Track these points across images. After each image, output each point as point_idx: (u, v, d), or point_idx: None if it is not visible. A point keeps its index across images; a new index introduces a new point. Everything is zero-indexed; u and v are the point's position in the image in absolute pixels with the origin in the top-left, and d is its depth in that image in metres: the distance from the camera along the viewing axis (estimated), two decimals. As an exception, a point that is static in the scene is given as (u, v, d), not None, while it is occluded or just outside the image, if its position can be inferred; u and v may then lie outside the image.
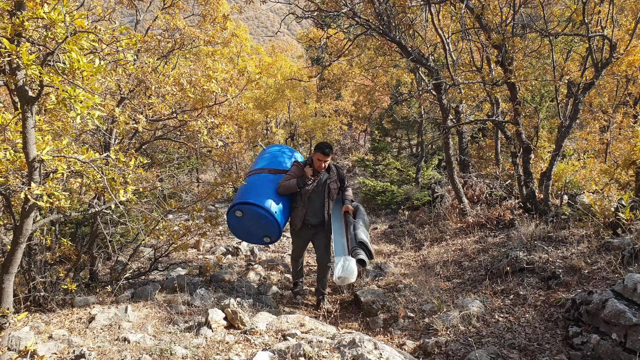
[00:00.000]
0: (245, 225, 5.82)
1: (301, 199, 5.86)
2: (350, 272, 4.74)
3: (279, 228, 5.72)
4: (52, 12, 2.87)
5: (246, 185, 5.95)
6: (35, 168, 3.51)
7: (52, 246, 5.82)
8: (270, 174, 6.05)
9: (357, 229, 5.25)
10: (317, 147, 5.77)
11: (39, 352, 4.06)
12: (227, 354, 4.37)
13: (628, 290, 4.02)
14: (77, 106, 2.83)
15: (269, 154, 6.57)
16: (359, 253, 4.91)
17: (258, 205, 5.56)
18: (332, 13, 9.13)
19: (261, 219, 5.64)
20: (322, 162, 5.74)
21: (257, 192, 5.75)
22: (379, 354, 3.66)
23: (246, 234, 6.01)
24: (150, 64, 5.13)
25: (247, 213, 5.66)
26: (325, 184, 5.89)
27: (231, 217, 5.83)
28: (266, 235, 5.88)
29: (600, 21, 7.10)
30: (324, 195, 5.91)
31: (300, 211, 5.91)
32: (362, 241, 5.02)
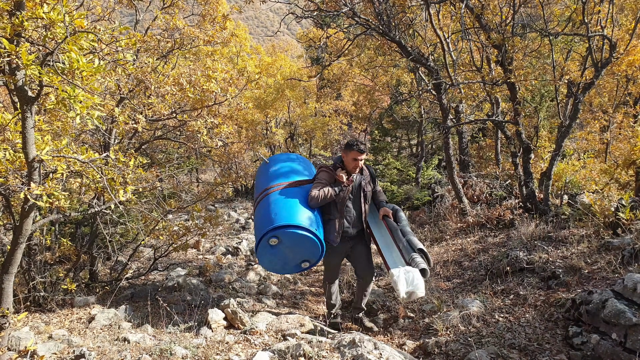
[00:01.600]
0: (282, 255, 4.80)
1: (336, 208, 4.95)
2: (417, 286, 4.15)
3: (322, 249, 4.77)
4: (52, 12, 2.87)
5: (269, 206, 4.86)
6: (34, 168, 3.50)
7: (52, 246, 5.82)
8: (292, 187, 5.07)
9: (407, 234, 4.66)
10: (350, 144, 4.91)
11: (39, 352, 4.06)
12: (227, 354, 4.36)
13: (628, 290, 4.01)
14: (77, 106, 2.83)
15: (278, 165, 5.55)
16: (419, 262, 4.30)
17: (296, 226, 4.56)
18: (332, 13, 9.13)
19: (302, 242, 4.65)
20: (358, 161, 4.90)
21: (287, 210, 4.72)
22: (379, 354, 3.66)
23: (282, 265, 4.98)
24: (150, 63, 5.12)
25: (285, 239, 4.62)
26: (360, 188, 5.04)
27: (264, 250, 4.74)
28: (305, 260, 4.93)
29: (600, 21, 7.09)
30: (360, 201, 5.05)
31: (337, 223, 4.96)
32: (421, 248, 4.44)
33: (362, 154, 4.90)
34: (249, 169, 16.56)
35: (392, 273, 4.27)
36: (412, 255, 4.39)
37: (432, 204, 11.53)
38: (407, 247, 4.52)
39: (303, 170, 5.49)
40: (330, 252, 5.06)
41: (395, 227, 4.82)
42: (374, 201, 5.31)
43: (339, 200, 4.91)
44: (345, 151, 4.96)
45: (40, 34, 3.22)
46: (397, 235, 4.73)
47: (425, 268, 4.28)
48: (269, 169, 5.51)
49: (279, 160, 5.68)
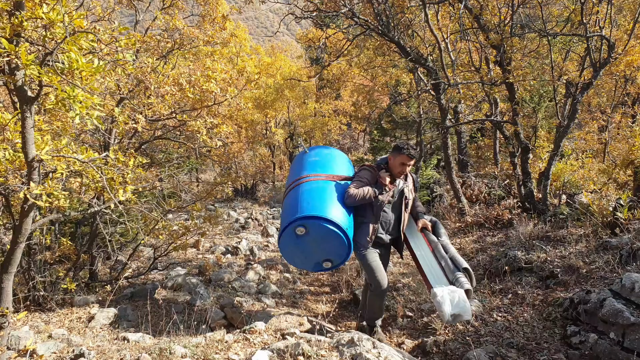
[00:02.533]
0: (306, 247, 4.47)
1: (372, 211, 4.55)
2: (463, 308, 3.81)
3: (349, 250, 4.42)
4: (51, 12, 2.88)
5: (302, 195, 4.54)
6: (34, 168, 3.52)
7: (51, 246, 5.83)
8: (329, 180, 4.70)
9: (449, 250, 4.32)
10: (400, 147, 4.47)
11: (39, 351, 4.07)
12: (227, 353, 4.37)
13: (626, 290, 4.03)
14: (76, 106, 2.85)
15: (317, 156, 5.15)
16: (463, 282, 3.97)
17: (328, 220, 4.24)
18: (331, 13, 9.15)
19: (330, 238, 4.32)
20: (406, 166, 4.50)
21: (320, 202, 4.41)
22: (378, 352, 3.67)
23: (303, 259, 4.64)
24: (150, 64, 5.14)
25: (313, 231, 4.30)
26: (402, 195, 4.65)
27: (288, 239, 4.42)
28: (328, 260, 4.55)
29: (599, 21, 7.11)
30: (400, 208, 4.68)
31: (371, 228, 4.56)
32: (466, 267, 4.11)
33: (412, 160, 4.49)
34: (248, 168, 16.57)
35: (435, 293, 3.92)
36: (456, 275, 4.06)
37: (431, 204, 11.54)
38: (451, 265, 4.17)
39: (342, 165, 5.09)
40: (367, 253, 4.63)
41: (435, 242, 4.49)
42: (411, 211, 4.90)
43: (376, 203, 4.51)
44: (394, 154, 4.53)
45: (39, 34, 3.23)
46: (438, 251, 4.39)
47: (470, 289, 3.97)
48: (306, 158, 5.12)
49: (318, 151, 5.27)
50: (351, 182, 4.60)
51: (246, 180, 16.72)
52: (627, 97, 13.16)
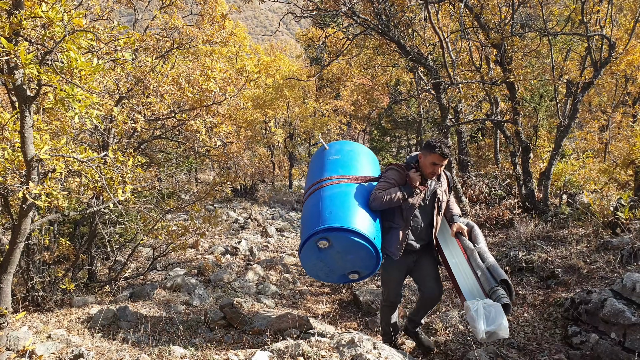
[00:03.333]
0: (330, 261, 4.03)
1: (402, 216, 4.10)
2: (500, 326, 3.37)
3: (377, 261, 3.98)
4: (50, 11, 2.86)
5: (323, 202, 4.11)
6: (33, 167, 3.50)
7: (50, 246, 5.81)
8: (352, 182, 4.24)
9: (487, 259, 3.84)
10: (432, 145, 3.93)
11: (38, 351, 4.05)
12: (226, 353, 4.36)
13: (627, 290, 4.01)
14: (76, 105, 2.83)
15: (338, 154, 4.64)
16: (502, 295, 3.52)
17: (353, 232, 3.80)
18: (331, 12, 9.13)
19: (356, 250, 3.89)
20: (438, 167, 4.00)
21: (344, 210, 3.96)
22: (378, 353, 3.66)
23: (327, 272, 4.17)
24: (149, 63, 5.12)
25: (337, 243, 3.87)
26: (434, 196, 4.17)
27: (309, 252, 3.99)
28: (354, 272, 4.11)
29: (599, 20, 7.10)
30: (433, 212, 4.20)
31: (401, 234, 4.10)
32: (505, 279, 3.63)
33: (445, 160, 3.98)
34: (247, 168, 16.56)
35: (468, 306, 3.54)
36: (493, 287, 3.60)
37: (431, 204, 11.50)
38: (488, 276, 3.71)
39: (367, 163, 4.60)
40: (389, 266, 4.26)
41: (471, 249, 3.99)
42: (444, 213, 4.41)
43: (406, 207, 4.05)
44: (425, 152, 4.01)
45: (38, 33, 3.22)
46: (474, 259, 3.90)
47: (509, 303, 3.50)
48: (326, 156, 4.63)
49: (339, 148, 4.75)
50: (377, 184, 4.18)
51: (245, 180, 16.71)
52: (628, 97, 13.16)
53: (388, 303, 4.43)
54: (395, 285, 4.36)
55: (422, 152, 4.03)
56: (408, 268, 4.31)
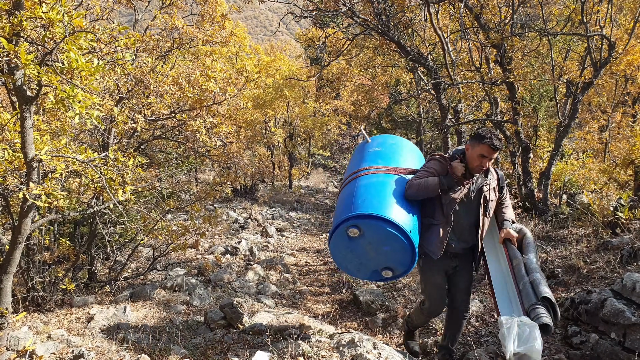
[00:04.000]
0: (361, 252, 3.72)
1: (442, 212, 3.72)
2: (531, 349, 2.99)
3: (413, 257, 3.60)
4: (50, 11, 2.87)
5: (357, 190, 3.84)
6: (33, 168, 3.50)
7: (50, 246, 5.82)
8: (391, 173, 3.93)
9: (532, 272, 3.36)
10: (481, 135, 3.57)
11: (38, 352, 4.06)
12: (226, 353, 4.36)
13: (627, 290, 4.02)
14: (76, 106, 2.83)
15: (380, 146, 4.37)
16: (541, 314, 3.07)
17: (386, 221, 3.49)
18: (331, 12, 9.14)
19: (389, 242, 3.56)
20: (486, 160, 3.59)
21: (378, 199, 3.68)
22: (378, 353, 3.66)
23: (357, 265, 3.83)
24: (149, 63, 5.12)
25: (368, 232, 3.56)
26: (480, 193, 3.74)
27: (339, 241, 3.71)
28: (387, 268, 3.73)
29: (599, 20, 7.10)
30: (477, 210, 3.76)
31: (441, 231, 3.72)
32: (546, 296, 3.17)
33: (495, 152, 3.59)
34: (247, 168, 16.56)
35: (502, 322, 3.16)
36: (533, 304, 3.17)
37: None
38: (529, 291, 3.27)
39: (410, 156, 4.30)
40: (429, 268, 3.89)
41: (518, 259, 3.54)
42: (495, 216, 4.00)
43: (446, 201, 3.67)
44: (473, 143, 3.64)
45: (39, 33, 3.22)
46: (518, 271, 3.47)
47: (549, 324, 3.04)
48: (367, 148, 4.39)
49: (382, 141, 4.49)
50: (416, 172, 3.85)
51: (245, 180, 16.70)
52: (628, 97, 13.16)
53: (428, 312, 4.08)
54: (438, 290, 3.93)
55: (470, 142, 3.67)
56: (447, 272, 3.91)
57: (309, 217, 14.42)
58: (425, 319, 4.19)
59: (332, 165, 29.22)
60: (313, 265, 8.83)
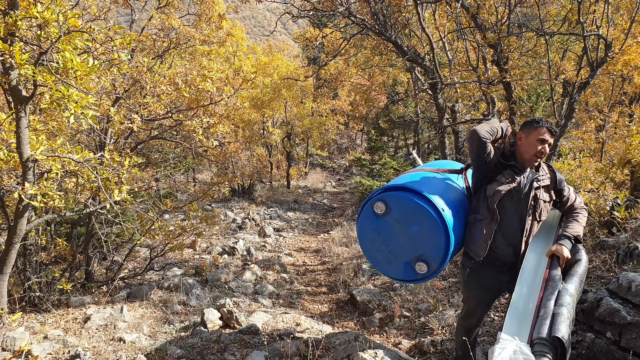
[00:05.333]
0: (389, 236, 3.36)
1: (487, 205, 3.28)
2: None
3: (447, 240, 3.19)
4: (46, 11, 2.86)
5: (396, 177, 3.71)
6: (29, 168, 3.50)
7: (47, 246, 5.81)
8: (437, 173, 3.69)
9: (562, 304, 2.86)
10: (535, 120, 3.23)
11: (34, 352, 4.06)
12: (223, 354, 4.37)
13: (622, 289, 4.02)
14: (71, 106, 2.83)
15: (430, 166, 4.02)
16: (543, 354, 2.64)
17: (412, 191, 3.23)
18: (328, 12, 9.14)
19: (418, 218, 3.19)
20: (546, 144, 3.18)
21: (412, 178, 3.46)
22: (374, 353, 3.66)
23: (386, 255, 3.43)
24: (146, 63, 5.12)
25: (395, 207, 3.26)
26: (530, 189, 3.25)
27: (366, 222, 3.42)
28: (420, 258, 3.28)
29: (596, 20, 7.11)
30: (526, 211, 3.26)
31: (486, 228, 3.28)
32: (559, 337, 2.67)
33: (553, 136, 3.20)
34: (245, 168, 16.56)
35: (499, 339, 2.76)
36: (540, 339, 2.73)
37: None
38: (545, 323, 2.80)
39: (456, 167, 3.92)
40: (474, 282, 3.45)
41: (555, 283, 3.02)
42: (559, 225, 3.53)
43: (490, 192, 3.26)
44: (527, 130, 3.24)
45: (34, 33, 3.22)
46: (547, 297, 2.95)
47: None
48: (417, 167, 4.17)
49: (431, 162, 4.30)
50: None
51: (243, 180, 16.70)
52: (625, 97, 13.18)
53: (464, 324, 3.71)
54: (476, 308, 3.56)
55: (522, 131, 3.27)
56: (498, 288, 3.50)
57: (306, 217, 14.42)
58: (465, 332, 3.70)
59: (330, 165, 29.22)
60: (310, 265, 8.83)
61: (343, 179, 24.92)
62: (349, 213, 14.11)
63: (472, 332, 3.69)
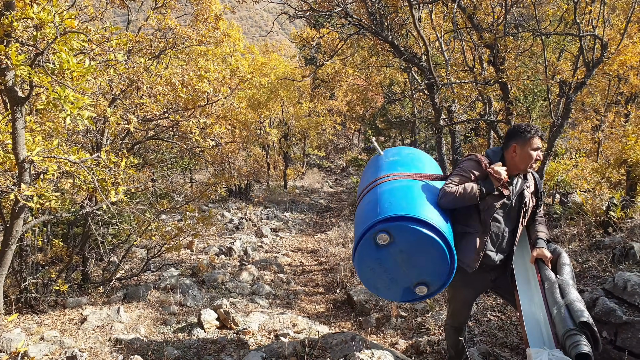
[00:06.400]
0: (391, 265, 3.20)
1: (479, 219, 3.28)
2: None
3: (452, 266, 3.14)
4: (42, 12, 2.86)
5: (381, 196, 3.37)
6: (25, 169, 3.50)
7: (44, 247, 5.80)
8: (414, 179, 3.51)
9: (567, 294, 2.93)
10: (525, 130, 3.20)
11: (30, 353, 4.05)
12: (220, 354, 4.37)
13: (618, 289, 4.04)
14: (67, 106, 2.83)
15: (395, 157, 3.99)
16: (579, 342, 2.61)
17: (420, 221, 3.05)
18: (325, 13, 9.14)
19: (424, 248, 3.07)
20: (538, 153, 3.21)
21: (408, 201, 3.24)
22: (371, 353, 3.67)
23: (387, 282, 3.30)
24: (142, 63, 5.11)
25: (400, 237, 3.08)
26: (522, 198, 3.33)
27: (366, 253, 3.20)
28: (422, 283, 3.22)
29: (592, 21, 7.13)
30: (517, 217, 3.36)
31: (477, 241, 3.28)
32: (585, 321, 2.70)
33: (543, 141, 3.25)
34: (242, 168, 16.53)
35: (530, 355, 2.77)
36: (570, 331, 2.71)
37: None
38: (565, 316, 2.79)
39: (430, 166, 3.95)
40: (460, 281, 3.41)
41: (551, 281, 3.08)
42: (527, 233, 3.59)
43: (484, 206, 3.24)
44: (520, 140, 3.21)
45: (30, 34, 3.21)
46: (551, 295, 3.00)
47: (589, 353, 2.57)
48: (382, 160, 4.01)
49: (396, 152, 4.14)
50: (450, 177, 3.41)
51: (240, 180, 16.68)
52: (621, 97, 13.22)
53: (456, 323, 3.74)
54: (463, 306, 3.64)
55: (516, 143, 3.21)
56: (484, 287, 3.60)
57: (303, 217, 14.43)
58: (455, 332, 3.76)
59: (327, 166, 29.24)
60: (307, 266, 8.83)
61: (340, 179, 24.94)
62: (346, 213, 14.12)
63: (461, 331, 3.75)
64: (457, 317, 3.70)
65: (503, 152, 3.32)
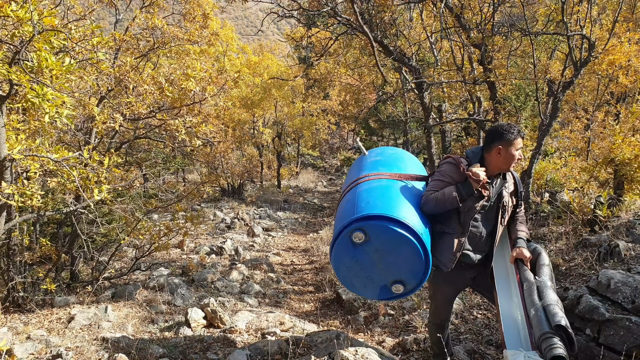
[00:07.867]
0: (366, 264, 3.24)
1: (459, 220, 3.31)
2: None
3: (427, 267, 3.17)
4: (20, 10, 2.86)
5: (360, 195, 3.43)
6: (5, 167, 3.49)
7: (32, 246, 5.79)
8: (394, 179, 3.56)
9: (545, 297, 2.92)
10: (508, 131, 3.17)
11: (16, 352, 4.05)
12: (205, 353, 4.37)
13: (602, 287, 4.07)
14: (45, 105, 2.82)
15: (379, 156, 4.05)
16: (553, 345, 2.63)
17: (394, 220, 3.09)
18: (313, 12, 9.15)
19: (399, 247, 3.12)
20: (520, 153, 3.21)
21: (385, 201, 3.29)
22: (355, 351, 3.68)
23: (363, 280, 3.33)
24: (128, 62, 5.11)
25: (375, 236, 3.13)
26: (500, 198, 3.36)
27: (342, 251, 3.25)
28: (398, 281, 3.27)
29: (579, 20, 7.18)
30: (496, 217, 3.38)
31: (455, 242, 3.30)
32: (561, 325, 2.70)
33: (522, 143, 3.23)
34: (235, 168, 16.52)
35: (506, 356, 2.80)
36: (545, 334, 2.71)
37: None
38: (542, 319, 2.81)
39: (413, 166, 3.97)
40: (439, 279, 3.52)
41: (530, 282, 3.09)
42: (508, 232, 3.59)
43: (464, 208, 3.26)
44: (504, 142, 3.17)
45: (9, 32, 3.21)
46: (529, 295, 3.02)
47: (563, 355, 2.57)
48: (365, 160, 4.06)
49: (380, 152, 4.19)
50: (429, 181, 3.50)
51: (233, 180, 16.66)
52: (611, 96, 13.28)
53: (438, 320, 3.77)
54: (444, 303, 3.69)
55: (500, 143, 3.17)
56: (464, 284, 3.63)
57: (296, 216, 14.43)
58: (437, 329, 3.74)
59: (322, 165, 29.26)
60: (298, 265, 8.84)
61: (334, 178, 24.95)
62: (338, 212, 14.11)
63: (444, 328, 3.75)
64: (438, 314, 3.74)
65: (483, 153, 3.31)
